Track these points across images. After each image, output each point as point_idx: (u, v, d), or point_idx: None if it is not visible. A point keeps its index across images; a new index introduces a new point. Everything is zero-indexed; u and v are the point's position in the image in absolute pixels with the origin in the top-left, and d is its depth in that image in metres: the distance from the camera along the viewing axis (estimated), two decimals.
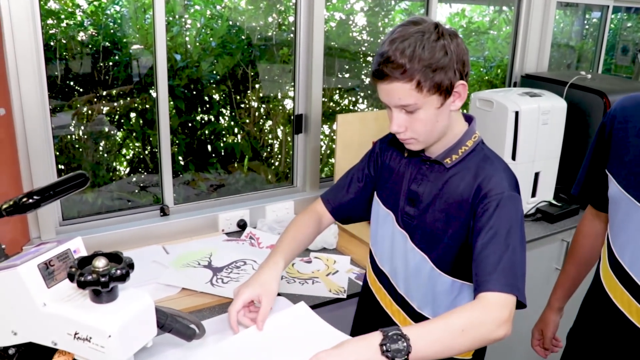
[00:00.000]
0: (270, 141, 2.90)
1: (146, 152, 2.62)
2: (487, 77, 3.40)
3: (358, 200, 1.49)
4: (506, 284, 1.12)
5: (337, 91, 3.04)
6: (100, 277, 0.88)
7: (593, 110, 2.46)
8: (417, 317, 1.37)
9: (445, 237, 1.27)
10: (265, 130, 2.87)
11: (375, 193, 1.45)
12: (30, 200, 1.01)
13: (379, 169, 1.44)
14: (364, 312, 1.58)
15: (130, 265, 0.93)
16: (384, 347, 1.01)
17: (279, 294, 1.44)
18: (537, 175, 2.38)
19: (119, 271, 0.90)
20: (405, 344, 1.01)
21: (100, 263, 0.90)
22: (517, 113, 2.24)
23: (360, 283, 1.82)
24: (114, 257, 0.94)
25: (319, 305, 1.70)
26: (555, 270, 2.43)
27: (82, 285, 0.88)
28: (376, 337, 1.03)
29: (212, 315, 1.55)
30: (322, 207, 1.52)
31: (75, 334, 0.90)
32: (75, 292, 0.94)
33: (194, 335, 1.14)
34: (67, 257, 0.98)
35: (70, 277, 0.89)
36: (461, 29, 3.26)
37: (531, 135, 2.28)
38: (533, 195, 2.41)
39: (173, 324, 1.09)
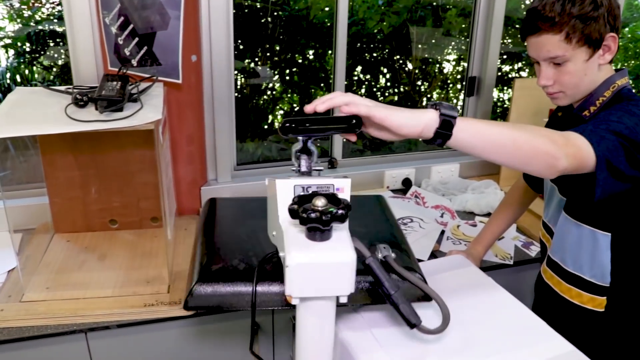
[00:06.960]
0: (426, 103, 2.86)
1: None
2: None
3: None
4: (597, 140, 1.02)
5: (500, 57, 2.92)
6: (323, 216, 0.90)
7: None
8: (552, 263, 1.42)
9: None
10: (422, 92, 2.82)
11: None
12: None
13: None
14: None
15: (348, 206, 0.94)
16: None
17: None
18: None
19: (339, 211, 0.91)
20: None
21: (320, 202, 0.92)
22: None
23: (526, 251, 1.78)
24: (332, 198, 0.95)
25: (484, 269, 1.66)
26: None
27: (304, 222, 0.91)
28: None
29: None
30: None
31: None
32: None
33: (416, 326, 1.02)
34: (327, 189, 1.01)
35: (292, 213, 0.92)
36: None
37: None
38: None
39: (400, 302, 1.02)
